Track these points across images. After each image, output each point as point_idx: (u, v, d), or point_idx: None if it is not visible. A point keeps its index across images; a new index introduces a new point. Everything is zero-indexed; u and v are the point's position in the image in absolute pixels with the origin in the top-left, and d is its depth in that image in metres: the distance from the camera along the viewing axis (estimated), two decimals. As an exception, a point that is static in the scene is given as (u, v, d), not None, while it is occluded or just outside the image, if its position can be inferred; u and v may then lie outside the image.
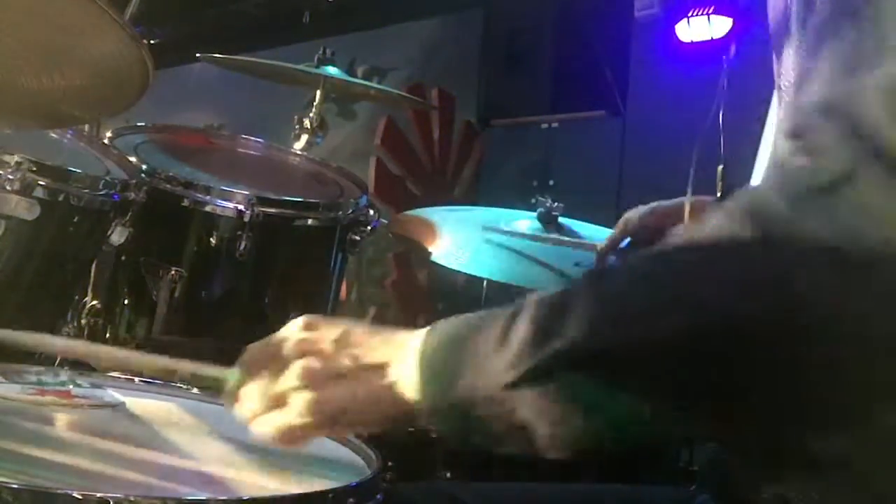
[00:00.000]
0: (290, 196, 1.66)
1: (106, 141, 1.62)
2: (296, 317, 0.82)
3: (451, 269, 1.69)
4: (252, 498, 0.83)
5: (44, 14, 0.99)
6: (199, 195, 1.58)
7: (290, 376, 0.79)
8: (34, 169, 1.27)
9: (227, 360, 0.84)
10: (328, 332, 0.81)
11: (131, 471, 0.88)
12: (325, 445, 1.03)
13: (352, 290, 4.81)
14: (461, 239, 1.72)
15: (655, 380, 0.64)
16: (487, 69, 4.74)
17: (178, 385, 1.24)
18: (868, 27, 0.65)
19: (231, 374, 0.84)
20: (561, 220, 1.74)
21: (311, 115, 2.01)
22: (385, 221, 1.80)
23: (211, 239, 1.58)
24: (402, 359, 0.76)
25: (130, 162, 1.55)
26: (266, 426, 0.80)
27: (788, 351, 0.61)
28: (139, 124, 1.78)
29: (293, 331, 0.82)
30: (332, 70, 2.05)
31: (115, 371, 1.13)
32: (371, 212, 1.74)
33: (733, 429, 0.68)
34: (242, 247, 1.55)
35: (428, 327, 0.76)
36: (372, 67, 5.25)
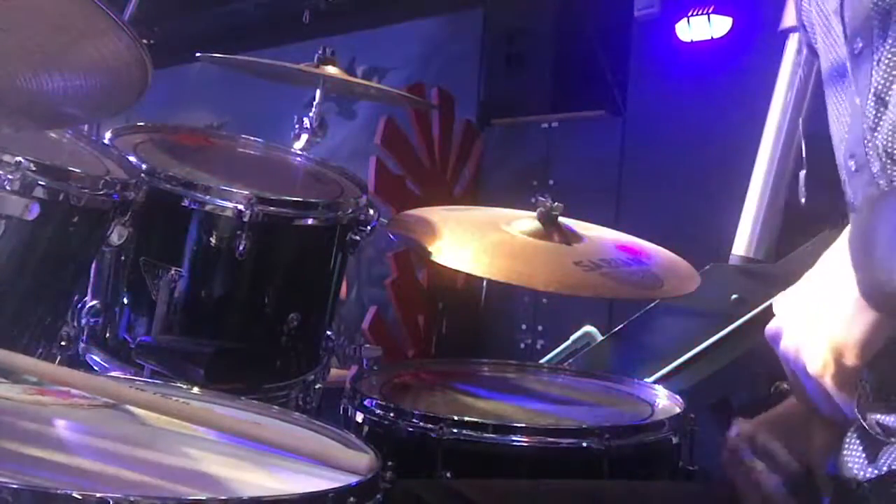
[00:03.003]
0: (290, 196, 1.66)
1: (106, 141, 1.62)
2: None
3: (451, 269, 1.68)
4: (252, 498, 0.83)
5: (44, 14, 0.99)
6: (199, 195, 1.58)
7: None
8: (34, 169, 1.26)
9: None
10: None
11: (131, 471, 0.88)
12: (326, 445, 1.03)
13: (352, 290, 4.81)
14: (461, 239, 1.72)
15: None
16: (487, 69, 4.74)
17: (178, 385, 1.24)
18: None
19: None
20: (561, 219, 1.74)
21: (311, 115, 2.00)
22: (385, 221, 1.80)
23: (211, 239, 1.58)
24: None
25: (130, 162, 1.55)
26: None
27: None
28: (139, 124, 1.78)
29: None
30: (332, 70, 2.05)
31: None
32: (371, 212, 1.73)
33: None
34: (242, 247, 1.55)
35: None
36: (372, 67, 5.25)
